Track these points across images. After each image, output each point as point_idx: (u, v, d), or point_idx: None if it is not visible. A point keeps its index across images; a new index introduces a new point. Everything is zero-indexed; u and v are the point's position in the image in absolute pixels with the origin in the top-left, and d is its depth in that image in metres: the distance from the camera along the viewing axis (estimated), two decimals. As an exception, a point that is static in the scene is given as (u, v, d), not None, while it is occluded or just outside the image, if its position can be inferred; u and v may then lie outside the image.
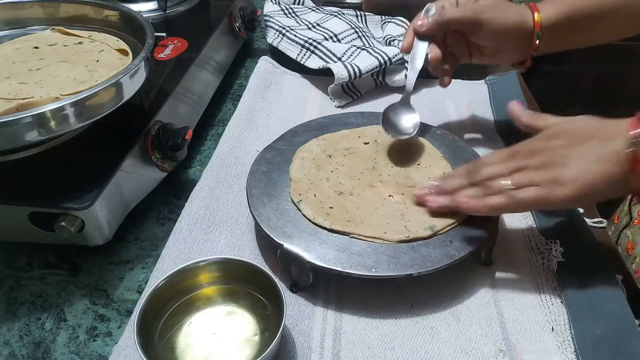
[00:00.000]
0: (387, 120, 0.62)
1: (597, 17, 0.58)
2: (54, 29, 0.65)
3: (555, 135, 0.46)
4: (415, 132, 0.60)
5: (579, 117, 0.46)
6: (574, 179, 0.43)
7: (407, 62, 0.76)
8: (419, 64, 0.61)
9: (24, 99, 0.50)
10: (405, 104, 0.63)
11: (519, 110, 0.51)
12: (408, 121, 0.61)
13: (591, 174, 0.42)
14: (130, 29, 0.64)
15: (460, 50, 0.63)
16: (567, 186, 0.43)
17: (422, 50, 0.60)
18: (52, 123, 0.46)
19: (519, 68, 0.64)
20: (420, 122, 0.65)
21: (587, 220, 0.56)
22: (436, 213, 0.50)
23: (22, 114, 0.44)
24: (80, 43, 0.63)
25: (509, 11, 0.58)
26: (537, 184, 0.44)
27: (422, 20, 0.59)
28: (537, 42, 0.58)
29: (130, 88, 0.52)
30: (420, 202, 0.51)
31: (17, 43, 0.63)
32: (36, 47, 0.61)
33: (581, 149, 0.43)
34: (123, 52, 0.61)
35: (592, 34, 0.59)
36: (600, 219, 0.56)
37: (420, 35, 0.60)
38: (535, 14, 0.57)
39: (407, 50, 0.61)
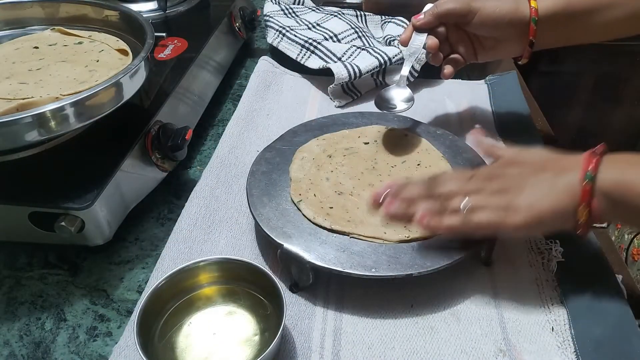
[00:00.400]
0: (380, 98, 0.63)
1: (595, 10, 0.58)
2: (54, 29, 0.65)
3: (511, 164, 0.47)
4: (408, 108, 0.61)
5: (536, 149, 0.49)
6: (527, 207, 0.43)
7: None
8: (414, 51, 0.62)
9: (24, 99, 0.50)
10: (400, 85, 0.64)
11: (479, 137, 0.53)
12: (401, 96, 0.63)
13: (543, 204, 0.43)
14: (130, 29, 0.64)
15: (464, 49, 0.64)
16: (519, 213, 0.43)
17: (420, 42, 0.61)
18: (52, 123, 0.46)
19: (520, 60, 0.64)
20: (420, 122, 0.65)
21: (587, 220, 0.56)
22: (388, 218, 0.47)
23: (22, 114, 0.44)
24: (80, 43, 0.63)
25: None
26: (491, 209, 0.44)
27: (420, 14, 0.61)
28: (534, 28, 0.58)
29: (130, 88, 0.52)
30: (375, 202, 0.48)
31: (17, 43, 0.63)
32: (36, 47, 0.61)
33: (535, 179, 0.44)
34: (123, 52, 0.61)
35: (589, 29, 0.59)
36: (600, 219, 0.56)
37: (419, 29, 0.61)
38: (531, 0, 0.58)
39: (405, 43, 0.62)
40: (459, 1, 0.59)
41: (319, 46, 0.78)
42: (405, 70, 0.63)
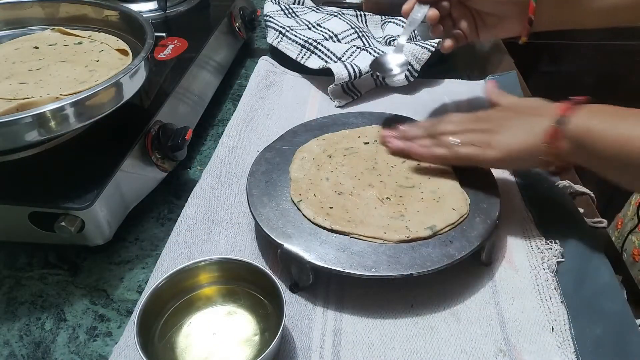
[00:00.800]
0: (376, 62, 0.65)
1: None
2: (54, 29, 0.65)
3: (503, 109, 0.54)
4: (401, 72, 0.64)
5: (532, 98, 0.54)
6: (502, 144, 0.50)
7: (408, 62, 0.76)
8: (414, 21, 0.63)
9: (24, 99, 0.50)
10: (396, 52, 0.65)
11: (490, 88, 0.57)
12: (396, 61, 0.65)
13: (516, 143, 0.49)
14: (130, 29, 0.64)
15: (466, 25, 0.64)
16: (495, 149, 0.50)
17: (421, 14, 0.62)
18: (52, 123, 0.46)
19: (520, 40, 0.65)
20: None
21: (587, 220, 0.56)
22: (393, 153, 0.58)
23: (22, 114, 0.44)
24: (80, 43, 0.63)
25: None
26: (476, 144, 0.52)
27: None
28: (534, 5, 0.59)
29: (130, 88, 0.52)
30: (383, 141, 0.59)
31: (17, 43, 0.63)
32: (36, 47, 0.61)
33: (516, 121, 0.51)
34: (123, 52, 0.61)
35: (590, 12, 0.59)
36: (600, 219, 0.56)
37: (422, 0, 0.62)
38: None
39: (407, 12, 0.63)
40: None
41: (319, 46, 0.78)
42: (403, 39, 0.64)
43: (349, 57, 0.77)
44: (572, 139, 0.46)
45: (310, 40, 0.79)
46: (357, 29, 0.85)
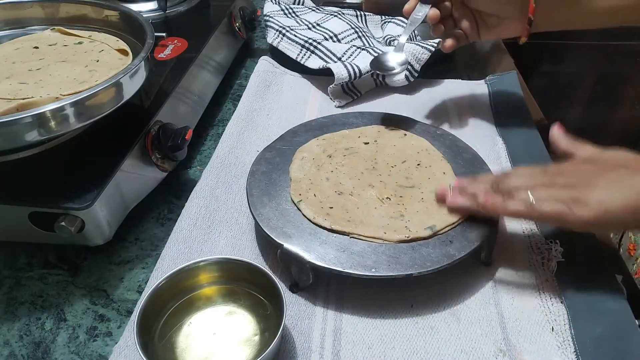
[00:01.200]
0: (377, 60, 0.65)
1: None
2: (54, 29, 0.65)
3: (587, 161, 0.46)
4: (401, 70, 0.63)
5: (616, 150, 0.46)
6: (598, 201, 0.42)
7: (407, 62, 0.76)
8: (416, 20, 0.63)
9: (24, 99, 0.50)
10: (396, 50, 0.65)
11: (558, 134, 0.51)
12: (396, 60, 0.64)
13: (615, 201, 0.42)
14: (130, 29, 0.64)
15: (467, 26, 0.64)
16: (589, 207, 0.42)
17: (422, 14, 0.62)
18: (52, 123, 0.46)
19: (520, 40, 0.65)
20: (420, 122, 0.65)
21: (587, 220, 0.55)
22: (452, 210, 0.50)
23: (22, 114, 0.44)
24: (80, 43, 0.63)
25: None
26: (559, 200, 0.43)
27: None
28: (534, 6, 0.59)
29: (130, 88, 0.52)
30: (440, 199, 0.51)
31: (17, 43, 0.63)
32: (36, 47, 0.61)
33: (610, 175, 0.43)
34: (123, 52, 0.61)
35: (591, 13, 0.59)
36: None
37: (423, 0, 0.62)
38: None
39: (409, 12, 0.62)
40: None
41: (319, 46, 0.78)
42: (403, 38, 0.65)
43: (349, 57, 0.77)
44: None
45: (310, 40, 0.79)
46: (357, 29, 0.85)
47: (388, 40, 0.84)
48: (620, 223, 0.43)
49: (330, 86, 0.75)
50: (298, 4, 0.97)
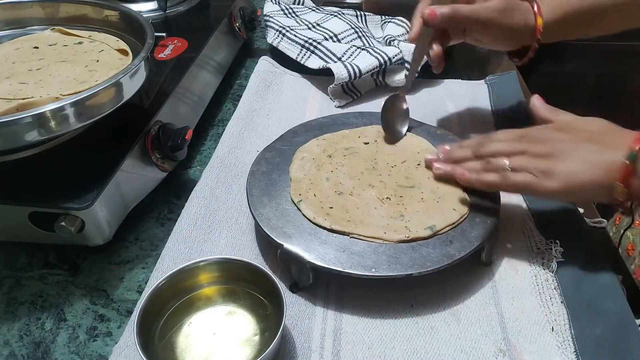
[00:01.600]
0: (385, 120, 0.63)
1: (597, 13, 0.58)
2: (54, 29, 0.65)
3: (562, 129, 0.47)
4: (405, 133, 0.63)
5: (593, 118, 0.48)
6: (565, 174, 0.44)
7: (407, 62, 0.76)
8: (420, 60, 0.63)
9: (24, 99, 0.50)
10: (402, 101, 0.65)
11: (538, 103, 0.52)
12: (401, 123, 0.63)
13: (581, 175, 0.44)
14: (130, 29, 0.64)
15: (454, 32, 0.63)
16: (555, 180, 0.45)
17: (426, 43, 0.61)
18: (52, 123, 0.46)
19: (515, 61, 0.65)
20: (420, 122, 0.65)
21: (587, 220, 0.56)
22: (443, 180, 0.53)
23: (22, 114, 0.44)
24: (80, 43, 0.63)
25: (517, 16, 0.58)
26: (531, 171, 0.46)
27: (434, 11, 0.57)
28: (536, 46, 0.59)
29: (130, 88, 0.52)
30: (428, 166, 0.55)
31: (17, 43, 0.63)
32: (36, 47, 0.61)
33: (580, 148, 0.45)
34: (123, 52, 0.61)
35: (592, 29, 0.60)
36: (600, 219, 0.56)
37: (431, 25, 0.59)
38: (538, 19, 0.58)
39: (415, 40, 0.61)
40: (480, 11, 0.57)
41: (319, 46, 0.78)
42: (408, 83, 0.66)
43: (349, 57, 0.77)
44: None
45: (310, 40, 0.79)
46: (357, 29, 0.85)
47: (388, 40, 0.84)
48: (582, 195, 0.46)
49: (330, 86, 0.75)
50: (298, 4, 0.97)
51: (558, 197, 0.49)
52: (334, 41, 0.83)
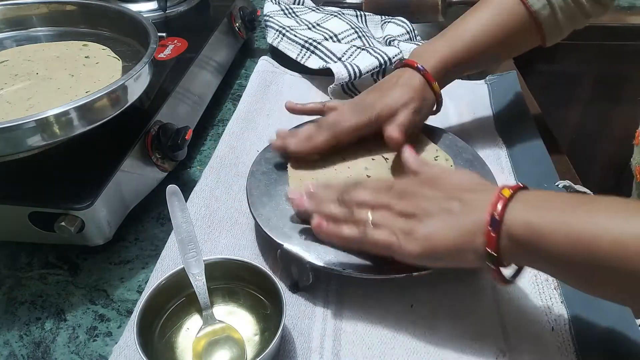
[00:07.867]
0: None
1: (474, 55, 0.60)
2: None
3: (427, 183, 0.44)
4: None
5: (461, 171, 0.49)
6: (425, 236, 0.41)
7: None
8: None
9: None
10: None
11: (408, 154, 0.50)
12: None
13: (444, 239, 0.41)
14: (132, 30, 0.63)
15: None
16: (415, 242, 0.41)
17: None
18: (56, 127, 0.46)
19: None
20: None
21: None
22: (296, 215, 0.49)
23: (25, 118, 0.43)
24: (80, 50, 0.62)
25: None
26: (392, 230, 0.42)
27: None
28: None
29: (134, 92, 0.52)
30: (291, 199, 0.49)
31: (7, 55, 0.62)
32: (29, 60, 0.61)
33: (444, 207, 0.42)
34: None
35: (481, 64, 0.64)
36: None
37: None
38: (434, 85, 0.58)
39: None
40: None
41: (319, 46, 0.78)
42: None
43: (349, 57, 0.77)
44: (512, 239, 0.38)
45: (310, 40, 0.79)
46: (357, 29, 0.85)
47: (388, 40, 0.84)
48: (445, 259, 0.42)
49: (331, 86, 0.75)
50: (298, 4, 0.97)
51: (421, 262, 0.43)
52: (334, 41, 0.83)
